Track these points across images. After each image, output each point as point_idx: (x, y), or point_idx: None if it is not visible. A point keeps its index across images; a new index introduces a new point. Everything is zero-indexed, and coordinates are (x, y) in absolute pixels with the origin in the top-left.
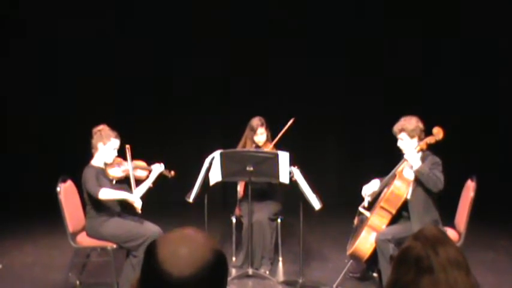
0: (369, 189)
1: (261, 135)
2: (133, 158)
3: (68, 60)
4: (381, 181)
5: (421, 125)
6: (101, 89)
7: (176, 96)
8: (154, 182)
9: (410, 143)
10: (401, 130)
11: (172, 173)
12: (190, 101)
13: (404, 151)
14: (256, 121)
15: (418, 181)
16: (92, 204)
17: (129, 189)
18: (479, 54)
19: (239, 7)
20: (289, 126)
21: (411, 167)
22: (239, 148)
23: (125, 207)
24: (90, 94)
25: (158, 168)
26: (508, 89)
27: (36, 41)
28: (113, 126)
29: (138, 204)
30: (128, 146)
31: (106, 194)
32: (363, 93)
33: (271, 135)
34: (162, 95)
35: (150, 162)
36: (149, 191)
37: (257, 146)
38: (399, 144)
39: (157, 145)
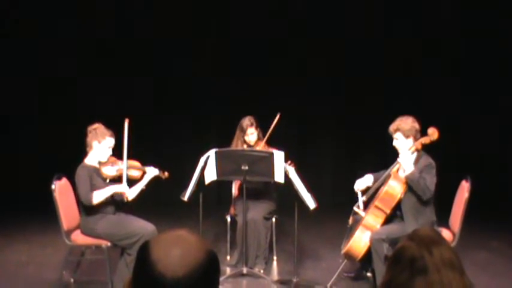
0: (362, 183)
1: (251, 135)
2: (130, 151)
3: (69, 60)
4: (374, 176)
5: (416, 125)
6: (100, 88)
7: (173, 96)
8: (148, 184)
9: (406, 143)
10: (397, 130)
11: (166, 174)
12: (188, 100)
13: (399, 151)
14: (246, 121)
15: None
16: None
17: None
18: (479, 54)
19: (239, 7)
20: (277, 122)
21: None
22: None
23: (119, 206)
24: (90, 94)
25: (152, 171)
26: (508, 90)
27: (36, 40)
28: (111, 126)
29: (128, 194)
30: (127, 120)
31: (98, 197)
32: (359, 93)
33: (263, 134)
34: (160, 94)
35: (145, 162)
36: (142, 192)
37: (249, 146)
38: (394, 143)
39: (154, 144)
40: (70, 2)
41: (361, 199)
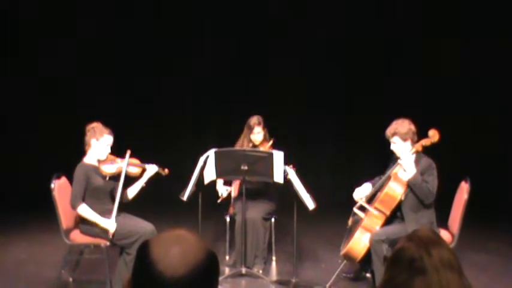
0: (361, 193)
1: (257, 134)
2: (130, 150)
3: (69, 60)
4: (372, 185)
5: (413, 128)
6: (100, 88)
7: (173, 96)
8: (147, 182)
9: (404, 146)
10: (394, 134)
11: (166, 170)
12: (188, 100)
13: (398, 154)
14: (253, 120)
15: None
16: (85, 201)
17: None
18: (479, 54)
19: (239, 7)
20: (270, 146)
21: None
22: (237, 147)
23: (119, 205)
24: (90, 94)
25: (152, 168)
26: (508, 89)
27: (35, 40)
28: (111, 125)
29: (112, 230)
30: (128, 151)
31: (83, 211)
32: (358, 94)
33: (269, 134)
34: (160, 94)
35: (145, 160)
36: (142, 190)
37: (254, 145)
38: (392, 147)
39: (153, 143)
40: (70, 2)
41: (362, 201)
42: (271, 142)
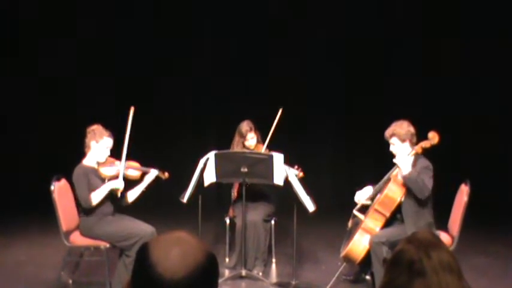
0: (362, 195)
1: (251, 140)
2: (130, 149)
3: (69, 60)
4: (373, 188)
5: (412, 129)
6: (101, 88)
7: (173, 96)
8: (147, 186)
9: (402, 147)
10: (393, 135)
11: (166, 174)
12: (188, 100)
13: (397, 156)
14: (244, 127)
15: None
16: None
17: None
18: (479, 54)
19: (239, 7)
20: (280, 118)
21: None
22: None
23: (118, 206)
24: (90, 94)
25: (152, 172)
26: (508, 89)
27: (35, 40)
28: (111, 126)
29: (121, 188)
30: (132, 108)
31: (96, 197)
32: (358, 94)
33: (262, 136)
34: (160, 94)
35: (145, 162)
36: (142, 194)
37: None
38: (391, 149)
39: (154, 144)
40: (70, 2)
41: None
42: (279, 113)
